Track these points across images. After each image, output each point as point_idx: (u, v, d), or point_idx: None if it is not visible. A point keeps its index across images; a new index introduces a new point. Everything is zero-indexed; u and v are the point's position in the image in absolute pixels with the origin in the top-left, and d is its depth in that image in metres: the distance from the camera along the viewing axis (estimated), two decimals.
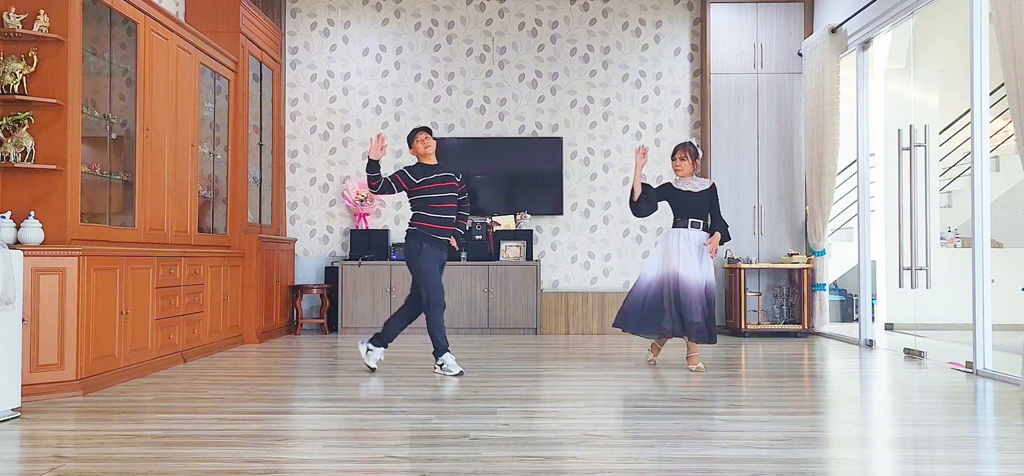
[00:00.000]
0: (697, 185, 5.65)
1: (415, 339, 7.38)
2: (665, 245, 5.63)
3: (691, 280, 5.44)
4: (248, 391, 4.78)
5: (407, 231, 5.45)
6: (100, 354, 4.72)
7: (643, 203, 5.72)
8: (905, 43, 8.45)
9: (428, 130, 5.53)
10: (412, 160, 8.54)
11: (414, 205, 5.47)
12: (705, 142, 8.19)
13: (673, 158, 5.71)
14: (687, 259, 5.48)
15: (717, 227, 5.62)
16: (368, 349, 5.50)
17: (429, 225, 5.39)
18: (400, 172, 5.44)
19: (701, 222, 5.60)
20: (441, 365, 5.35)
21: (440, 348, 5.37)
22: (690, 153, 5.66)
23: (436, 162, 5.51)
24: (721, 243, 5.63)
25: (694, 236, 5.56)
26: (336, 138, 8.47)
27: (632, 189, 5.72)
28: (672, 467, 3.10)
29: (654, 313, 5.52)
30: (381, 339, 5.52)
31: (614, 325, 5.77)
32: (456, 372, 5.31)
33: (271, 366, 5.85)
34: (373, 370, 5.44)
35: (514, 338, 7.48)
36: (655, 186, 5.85)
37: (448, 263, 7.91)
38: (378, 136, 5.36)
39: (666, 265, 5.54)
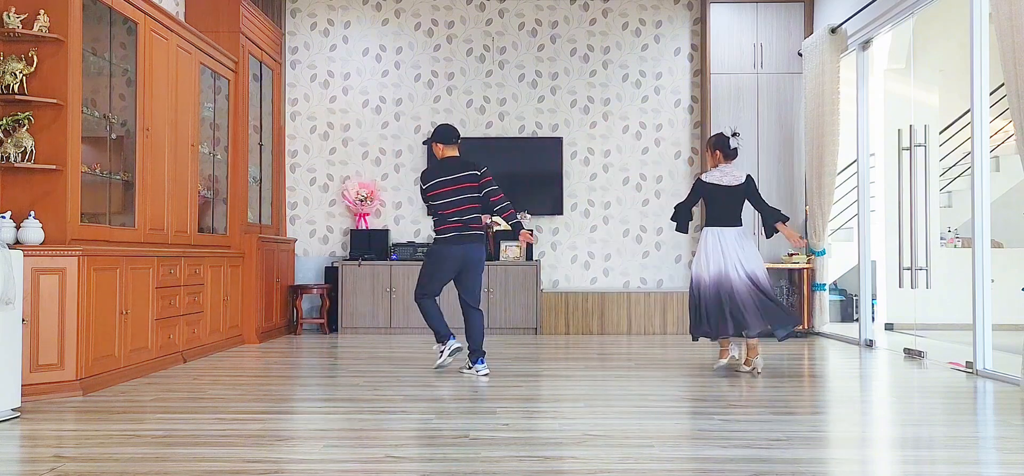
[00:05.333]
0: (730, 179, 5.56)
1: (416, 339, 7.37)
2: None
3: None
4: (248, 391, 4.78)
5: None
6: (100, 354, 4.72)
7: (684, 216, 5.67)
8: (905, 43, 8.44)
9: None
10: (411, 158, 8.63)
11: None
12: (705, 142, 8.19)
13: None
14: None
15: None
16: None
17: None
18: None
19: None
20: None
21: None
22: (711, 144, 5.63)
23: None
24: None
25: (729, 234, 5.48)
26: (336, 138, 8.47)
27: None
28: (672, 467, 3.10)
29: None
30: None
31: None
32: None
33: (271, 366, 5.85)
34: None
35: (514, 338, 7.48)
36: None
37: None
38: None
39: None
